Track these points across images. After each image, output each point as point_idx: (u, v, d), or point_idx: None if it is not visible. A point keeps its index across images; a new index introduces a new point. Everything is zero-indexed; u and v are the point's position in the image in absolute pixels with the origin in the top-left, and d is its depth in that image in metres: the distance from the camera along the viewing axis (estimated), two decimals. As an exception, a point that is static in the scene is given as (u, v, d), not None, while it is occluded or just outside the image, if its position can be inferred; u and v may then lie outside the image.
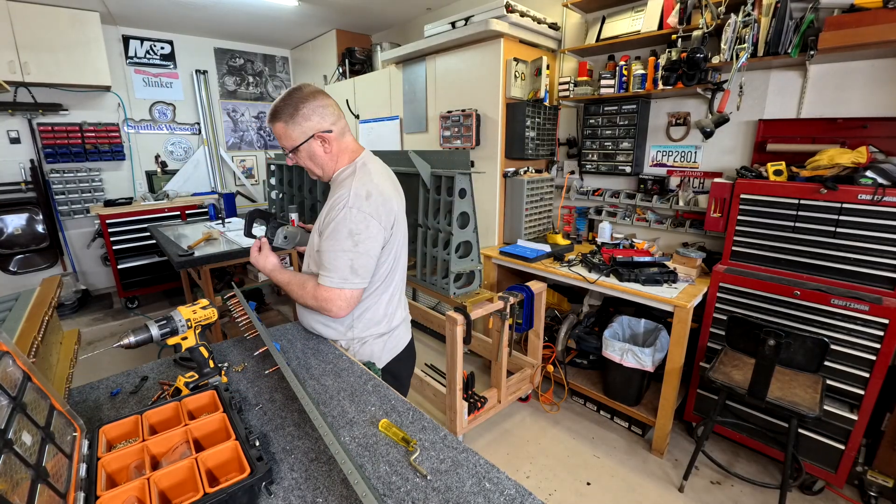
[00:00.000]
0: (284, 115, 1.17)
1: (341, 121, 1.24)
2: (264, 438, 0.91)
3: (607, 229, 2.69)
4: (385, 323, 1.36)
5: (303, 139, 1.19)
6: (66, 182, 4.07)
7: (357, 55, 4.22)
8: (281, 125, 1.18)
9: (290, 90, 1.19)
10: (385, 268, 1.28)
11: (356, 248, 1.15)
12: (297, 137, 1.19)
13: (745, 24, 1.95)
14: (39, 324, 1.09)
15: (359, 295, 1.21)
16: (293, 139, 1.19)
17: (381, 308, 1.33)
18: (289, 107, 1.16)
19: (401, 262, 1.35)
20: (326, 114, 1.19)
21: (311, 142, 1.20)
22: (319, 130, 1.19)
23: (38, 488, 0.61)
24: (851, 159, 1.78)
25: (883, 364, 1.69)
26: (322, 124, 1.19)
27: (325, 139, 1.20)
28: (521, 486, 0.77)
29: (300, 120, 1.17)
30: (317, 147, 1.21)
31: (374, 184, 1.19)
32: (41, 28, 3.49)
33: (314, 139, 1.19)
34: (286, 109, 1.16)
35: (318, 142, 1.20)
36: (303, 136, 1.19)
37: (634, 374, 2.25)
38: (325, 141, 1.21)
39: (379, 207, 1.17)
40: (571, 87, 2.76)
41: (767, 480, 2.01)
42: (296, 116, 1.16)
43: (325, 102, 1.19)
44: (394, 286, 1.36)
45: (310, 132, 1.18)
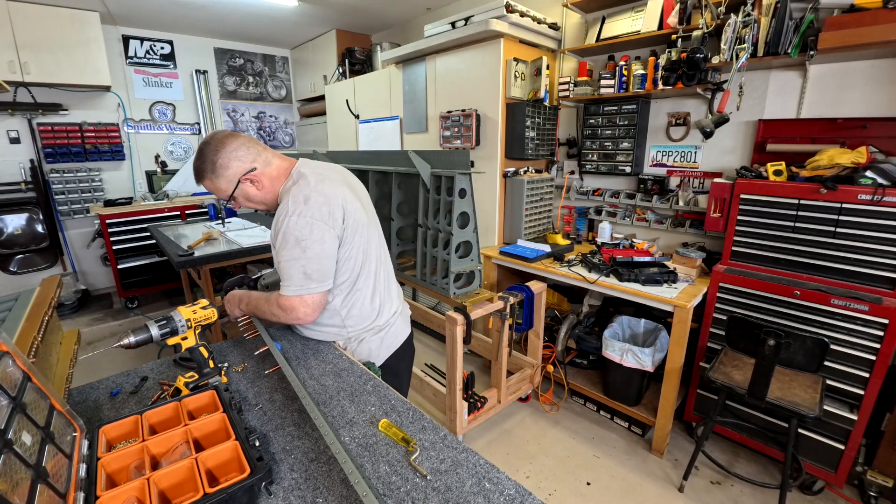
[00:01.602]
0: (206, 173, 1.18)
1: (262, 154, 1.23)
2: (264, 438, 0.91)
3: (607, 229, 2.69)
4: (375, 317, 1.36)
5: (232, 187, 1.20)
6: (65, 182, 4.07)
7: (357, 55, 4.22)
8: (207, 182, 1.20)
9: (200, 146, 1.19)
10: (353, 263, 1.26)
11: (305, 254, 1.14)
12: (226, 188, 1.20)
13: (745, 24, 1.95)
14: (39, 324, 1.09)
15: (321, 298, 1.20)
16: (224, 190, 1.21)
17: (366, 303, 1.33)
18: (206, 163, 1.17)
19: (371, 254, 1.33)
20: (242, 155, 1.19)
21: (241, 186, 1.21)
22: (243, 174, 1.19)
23: (37, 488, 0.61)
24: (851, 159, 1.78)
25: (883, 364, 1.69)
26: (242, 167, 1.19)
27: (253, 178, 1.21)
28: (521, 486, 0.76)
29: (221, 171, 1.18)
30: (248, 188, 1.22)
31: (311, 188, 1.17)
32: (41, 28, 3.49)
33: (242, 183, 1.20)
34: (205, 166, 1.17)
35: (248, 183, 1.21)
36: (230, 184, 1.20)
37: (634, 374, 2.25)
38: (253, 180, 1.21)
39: (321, 208, 1.15)
40: (571, 87, 2.76)
41: (767, 480, 2.01)
42: (216, 170, 1.17)
43: (237, 144, 1.19)
44: (374, 279, 1.34)
45: (235, 179, 1.19)
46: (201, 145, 1.19)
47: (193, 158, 1.21)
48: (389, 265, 1.46)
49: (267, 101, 5.34)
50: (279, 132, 5.53)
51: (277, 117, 5.47)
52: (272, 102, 5.39)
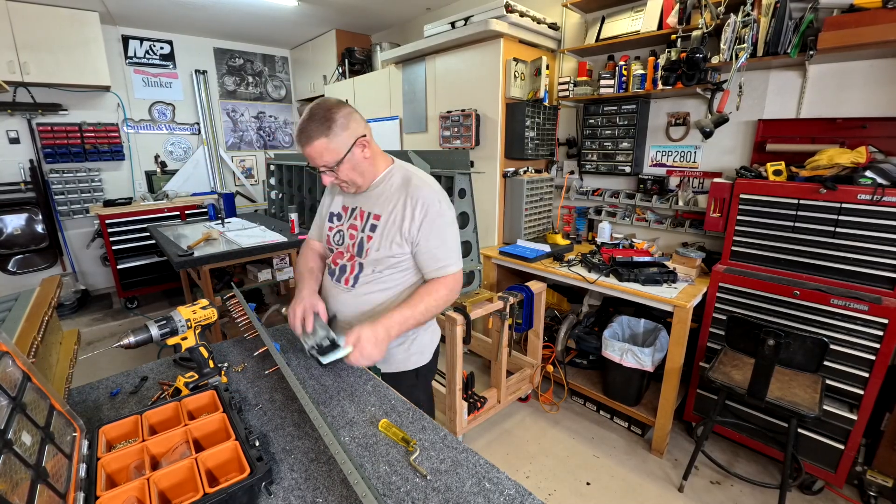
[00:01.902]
0: (322, 131, 1.12)
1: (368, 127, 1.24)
2: (264, 438, 0.91)
3: (607, 229, 2.69)
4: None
5: (346, 148, 1.15)
6: (65, 182, 4.06)
7: (357, 55, 4.22)
8: (322, 141, 1.13)
9: (311, 109, 1.14)
10: None
11: (455, 232, 1.27)
12: (341, 149, 1.15)
13: (745, 24, 1.95)
14: (39, 324, 1.09)
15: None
16: (337, 152, 1.15)
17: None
18: (323, 121, 1.12)
19: None
20: (359, 119, 1.19)
21: (354, 149, 1.17)
22: (360, 135, 1.17)
23: (37, 488, 0.61)
24: (851, 159, 1.79)
25: (882, 364, 1.69)
26: (359, 129, 1.18)
27: (365, 144, 1.19)
28: (521, 486, 0.77)
29: (339, 130, 1.13)
30: (359, 154, 1.19)
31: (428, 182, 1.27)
32: (40, 28, 3.49)
33: (356, 146, 1.17)
34: (321, 125, 1.12)
35: (360, 148, 1.18)
36: (346, 145, 1.15)
37: (634, 373, 2.25)
38: (364, 146, 1.19)
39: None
40: (571, 87, 2.77)
41: (767, 480, 2.01)
42: (334, 128, 1.13)
43: (351, 110, 1.18)
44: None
45: (351, 139, 1.15)
46: (312, 108, 1.14)
47: (302, 121, 1.14)
48: None
49: (267, 101, 5.34)
50: (279, 132, 5.53)
51: (277, 117, 5.47)
52: (272, 102, 5.38)
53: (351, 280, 1.30)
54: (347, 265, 1.31)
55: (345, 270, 1.31)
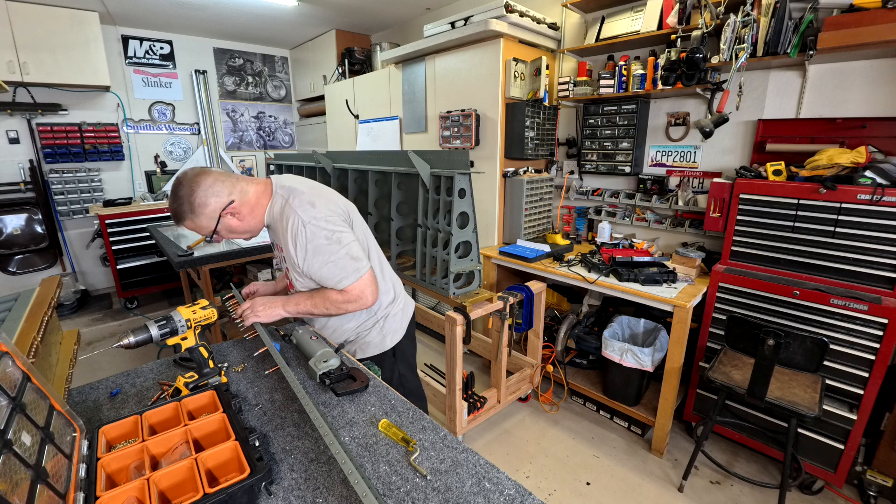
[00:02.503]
0: (186, 214, 1.16)
1: (237, 185, 1.22)
2: (264, 438, 0.91)
3: (607, 229, 2.69)
4: (392, 291, 1.49)
5: (214, 223, 1.19)
6: (65, 182, 4.06)
7: (356, 55, 4.22)
8: (188, 223, 1.18)
9: (173, 188, 1.17)
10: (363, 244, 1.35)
11: (340, 244, 1.21)
12: (208, 225, 1.19)
13: (745, 24, 1.95)
14: (39, 324, 1.09)
15: (372, 274, 1.28)
16: (207, 227, 1.19)
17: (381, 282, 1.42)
18: (184, 205, 1.15)
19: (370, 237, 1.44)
20: (218, 190, 1.18)
21: (223, 220, 1.20)
22: (222, 209, 1.18)
23: (37, 489, 0.61)
24: (850, 159, 1.79)
25: (882, 364, 1.69)
26: (220, 202, 1.18)
27: (233, 211, 1.20)
28: (521, 485, 0.77)
29: (200, 210, 1.16)
30: (230, 221, 1.21)
31: (307, 195, 1.23)
32: (40, 28, 3.49)
33: (223, 217, 1.19)
34: (183, 208, 1.15)
35: (229, 216, 1.20)
36: (212, 221, 1.18)
37: (634, 373, 2.25)
38: (233, 213, 1.21)
39: (328, 206, 1.24)
40: (571, 87, 2.77)
41: (767, 480, 2.01)
42: (195, 209, 1.15)
43: (210, 181, 1.17)
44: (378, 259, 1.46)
45: (215, 215, 1.18)
46: (174, 187, 1.16)
47: (168, 202, 1.19)
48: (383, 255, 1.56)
49: (266, 101, 5.34)
50: (278, 132, 5.53)
51: (277, 117, 5.47)
52: (272, 102, 5.38)
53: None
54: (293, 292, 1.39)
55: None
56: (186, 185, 1.15)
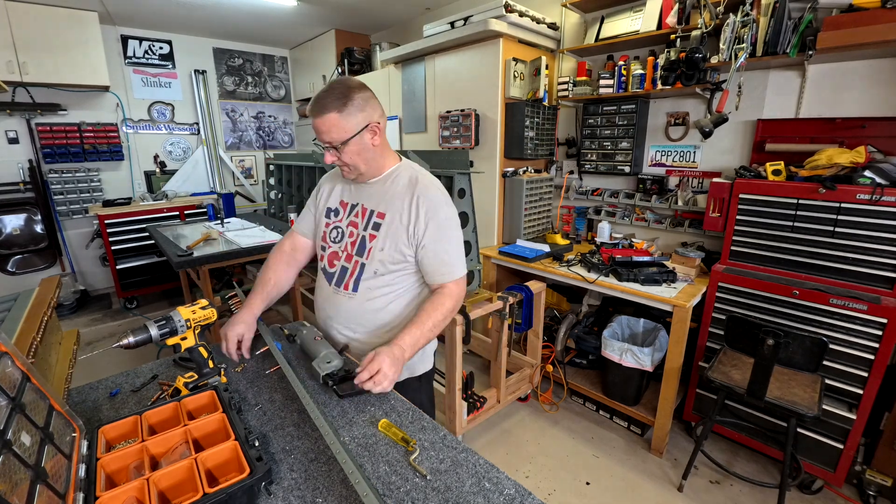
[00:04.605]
0: (336, 105, 1.09)
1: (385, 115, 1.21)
2: (264, 438, 0.91)
3: (606, 229, 2.70)
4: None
5: (357, 129, 1.12)
6: (64, 182, 4.06)
7: (356, 55, 4.22)
8: (334, 115, 1.09)
9: (332, 83, 1.12)
10: None
11: (460, 237, 1.25)
12: (351, 128, 1.12)
13: (744, 23, 1.95)
14: (38, 324, 1.09)
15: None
16: (347, 130, 1.11)
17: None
18: (340, 97, 1.09)
19: None
20: (376, 105, 1.17)
21: (364, 132, 1.14)
22: (373, 120, 1.15)
23: (37, 489, 0.61)
24: (850, 159, 1.79)
25: (881, 363, 1.69)
26: (374, 114, 1.15)
27: (377, 130, 1.16)
28: (521, 485, 0.77)
29: (354, 110, 1.10)
30: (368, 139, 1.16)
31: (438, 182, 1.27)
32: (39, 28, 3.48)
33: (367, 130, 1.14)
34: (337, 100, 1.09)
35: (371, 133, 1.15)
36: (357, 126, 1.12)
37: (633, 373, 2.25)
38: (375, 133, 1.16)
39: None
40: (570, 87, 2.77)
41: (766, 480, 2.01)
42: (349, 106, 1.10)
43: (371, 94, 1.16)
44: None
45: (364, 122, 1.13)
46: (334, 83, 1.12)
47: (319, 93, 1.11)
48: None
49: (266, 101, 5.33)
50: (278, 132, 5.53)
51: (276, 117, 5.46)
52: (271, 102, 5.38)
53: (352, 284, 1.24)
54: (348, 267, 1.25)
55: (345, 273, 1.26)
56: (348, 85, 1.12)
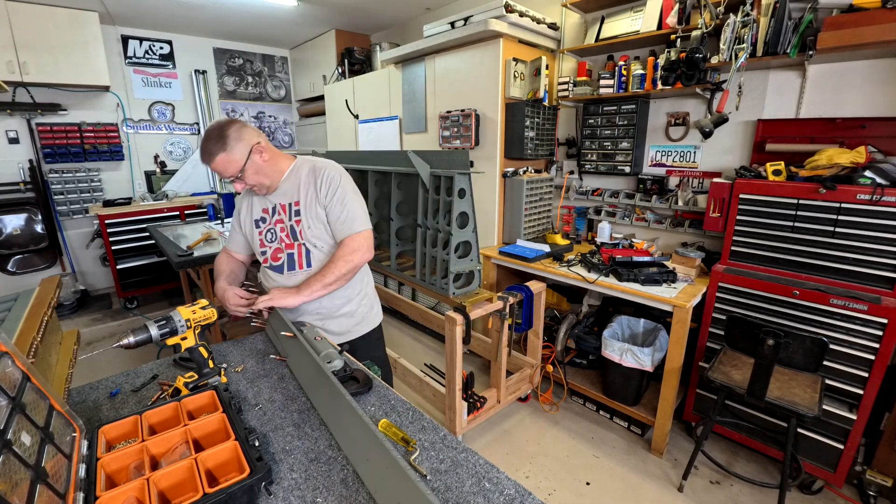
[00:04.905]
0: (219, 147, 1.28)
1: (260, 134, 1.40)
2: (264, 438, 0.91)
3: (606, 229, 2.69)
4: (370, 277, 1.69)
5: (245, 157, 1.31)
6: (64, 182, 4.06)
7: (356, 55, 4.22)
8: (222, 156, 1.28)
9: (206, 131, 1.31)
10: None
11: (358, 196, 1.44)
12: (239, 158, 1.30)
13: (744, 24, 1.95)
14: (38, 324, 1.09)
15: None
16: (237, 161, 1.30)
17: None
18: (219, 139, 1.28)
19: None
20: (250, 130, 1.35)
21: (252, 157, 1.32)
22: (253, 143, 1.33)
23: (37, 489, 0.61)
24: (850, 159, 1.79)
25: (882, 363, 1.69)
26: (252, 138, 1.33)
27: (261, 150, 1.35)
28: (521, 485, 0.77)
29: (233, 143, 1.29)
30: (258, 159, 1.34)
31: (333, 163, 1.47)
32: (40, 28, 3.49)
33: (253, 153, 1.32)
34: (217, 142, 1.28)
35: (257, 154, 1.34)
36: (243, 154, 1.31)
37: (634, 373, 2.25)
38: (261, 152, 1.35)
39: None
40: (570, 87, 2.77)
41: (767, 480, 2.01)
42: (229, 142, 1.28)
43: (242, 123, 1.34)
44: None
45: (247, 148, 1.31)
46: (207, 131, 1.30)
47: (202, 143, 1.30)
48: None
49: (266, 101, 5.34)
50: (278, 132, 5.53)
51: (277, 117, 5.47)
52: (271, 102, 5.38)
53: (304, 263, 1.45)
54: (293, 252, 1.45)
55: (293, 258, 1.46)
56: (220, 125, 1.30)
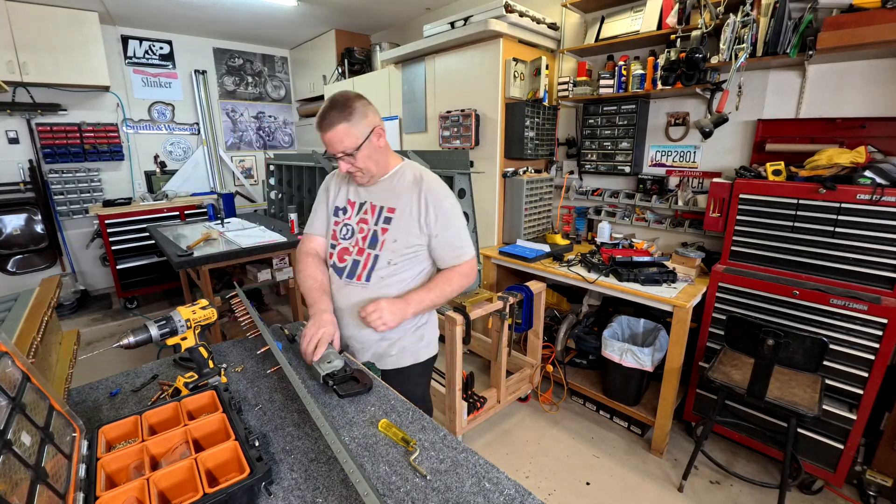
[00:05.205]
0: (343, 117, 1.18)
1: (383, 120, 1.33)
2: (264, 438, 0.91)
3: (606, 229, 2.69)
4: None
5: (366, 134, 1.21)
6: (64, 182, 4.06)
7: (356, 55, 4.22)
8: (343, 126, 1.18)
9: (332, 98, 1.20)
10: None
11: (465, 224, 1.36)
12: (360, 134, 1.20)
13: (744, 24, 1.95)
14: (38, 324, 1.09)
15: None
16: (357, 137, 1.20)
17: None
18: (344, 109, 1.18)
19: None
20: (374, 110, 1.26)
21: (372, 137, 1.23)
22: (377, 124, 1.24)
23: (37, 489, 0.61)
24: (850, 159, 1.79)
25: (882, 363, 1.69)
26: (376, 119, 1.25)
27: (381, 133, 1.26)
28: (521, 485, 0.77)
29: (359, 117, 1.19)
30: (376, 142, 1.25)
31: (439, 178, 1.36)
32: (40, 28, 3.49)
33: (374, 134, 1.23)
34: (343, 112, 1.18)
35: (377, 136, 1.25)
36: (365, 132, 1.21)
37: (634, 373, 2.25)
38: (380, 135, 1.26)
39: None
40: (570, 87, 2.77)
41: (767, 480, 2.01)
42: (355, 114, 1.19)
43: (368, 101, 1.25)
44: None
45: (370, 127, 1.22)
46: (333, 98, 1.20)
47: (323, 110, 1.20)
48: None
49: (266, 101, 5.34)
50: (278, 132, 5.53)
51: (276, 117, 5.47)
52: (271, 102, 5.38)
53: (364, 275, 1.31)
54: (360, 259, 1.33)
55: (357, 266, 1.33)
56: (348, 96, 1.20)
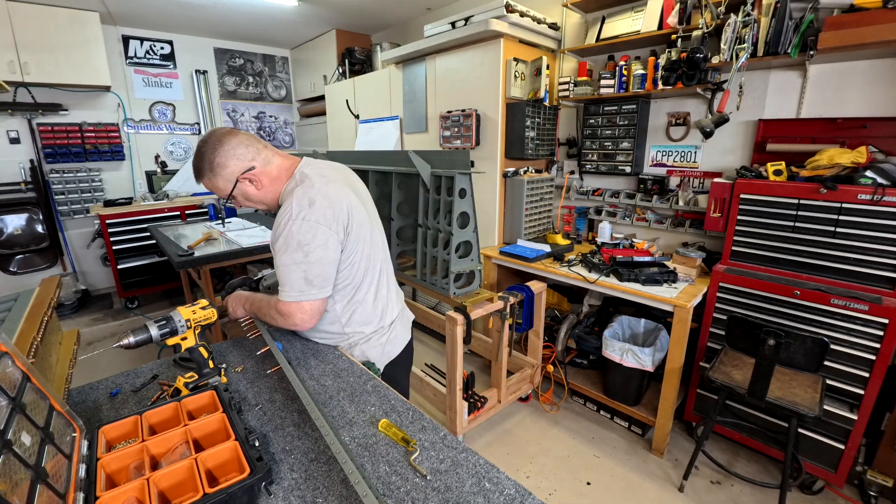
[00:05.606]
0: (205, 171, 1.16)
1: (262, 153, 1.20)
2: (264, 438, 0.91)
3: (607, 229, 2.69)
4: (377, 321, 1.35)
5: (231, 186, 1.18)
6: (65, 182, 4.07)
7: (357, 55, 4.22)
8: (206, 181, 1.18)
9: (198, 144, 1.17)
10: (355, 268, 1.24)
11: (307, 259, 1.11)
12: (224, 187, 1.18)
13: (745, 24, 1.95)
14: (39, 324, 1.09)
15: (320, 305, 1.17)
16: (223, 189, 1.19)
17: (368, 309, 1.32)
18: (204, 162, 1.15)
19: (375, 258, 1.32)
20: (241, 153, 1.16)
21: (240, 185, 1.19)
22: (241, 172, 1.17)
23: (37, 489, 0.61)
24: (851, 159, 1.78)
25: (882, 364, 1.69)
26: (241, 165, 1.16)
27: (252, 178, 1.18)
28: (521, 485, 0.76)
29: (218, 170, 1.16)
30: (247, 187, 1.20)
31: (315, 190, 1.13)
32: (41, 28, 3.49)
33: (241, 182, 1.18)
34: (203, 165, 1.16)
35: (247, 182, 1.19)
36: (229, 183, 1.18)
37: (634, 373, 2.25)
38: (252, 179, 1.19)
39: (325, 212, 1.12)
40: (571, 87, 2.76)
41: (767, 480, 2.01)
42: (214, 168, 1.15)
43: (235, 143, 1.16)
44: (376, 285, 1.33)
45: (233, 178, 1.17)
46: (199, 143, 1.17)
47: (193, 156, 1.19)
48: (391, 268, 1.45)
49: (267, 101, 5.34)
50: (279, 132, 5.53)
51: (277, 117, 5.47)
52: (272, 102, 5.39)
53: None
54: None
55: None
56: (211, 143, 1.15)
